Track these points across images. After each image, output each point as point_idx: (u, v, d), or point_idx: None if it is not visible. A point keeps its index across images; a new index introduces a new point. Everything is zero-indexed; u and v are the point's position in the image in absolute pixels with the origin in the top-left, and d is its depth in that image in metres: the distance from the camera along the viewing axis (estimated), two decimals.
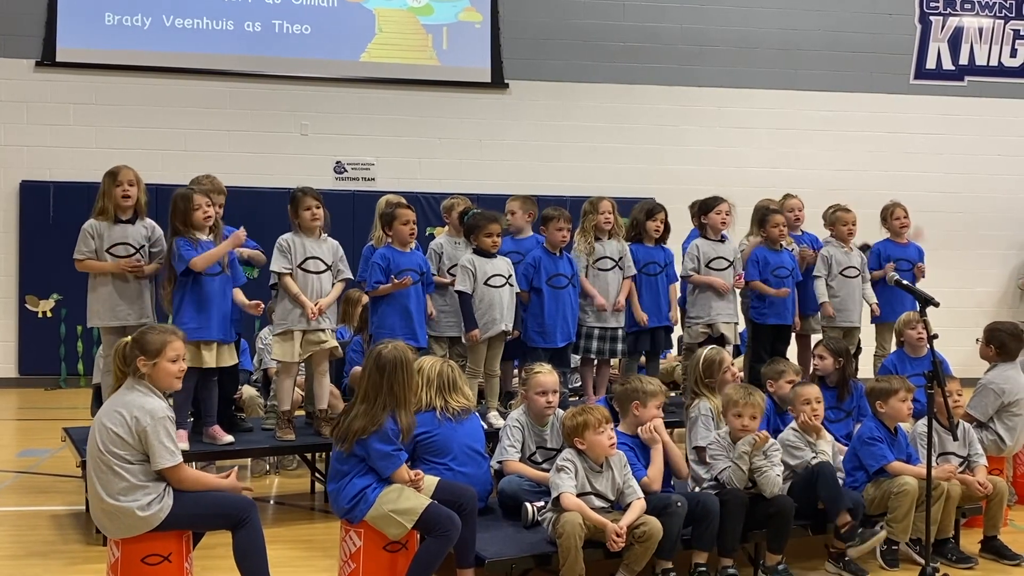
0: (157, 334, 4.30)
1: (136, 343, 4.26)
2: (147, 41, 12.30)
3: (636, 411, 5.12)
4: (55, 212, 11.90)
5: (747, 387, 5.39)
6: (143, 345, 4.24)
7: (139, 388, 4.19)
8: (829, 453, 5.28)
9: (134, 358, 4.22)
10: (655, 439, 5.05)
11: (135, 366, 4.22)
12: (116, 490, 4.08)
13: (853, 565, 5.12)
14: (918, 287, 5.48)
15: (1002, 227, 13.88)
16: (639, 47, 13.29)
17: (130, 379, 4.23)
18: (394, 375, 4.51)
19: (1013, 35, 14.14)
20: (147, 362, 4.22)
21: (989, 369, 6.46)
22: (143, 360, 4.22)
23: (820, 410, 5.41)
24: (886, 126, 13.63)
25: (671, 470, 5.12)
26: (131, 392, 4.19)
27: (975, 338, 6.64)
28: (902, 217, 8.17)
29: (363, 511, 4.40)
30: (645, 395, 5.13)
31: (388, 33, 12.92)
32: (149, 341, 4.25)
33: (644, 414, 5.10)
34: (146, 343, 4.24)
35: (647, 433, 5.07)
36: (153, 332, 4.32)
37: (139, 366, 4.21)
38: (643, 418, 5.09)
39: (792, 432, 5.38)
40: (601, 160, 12.97)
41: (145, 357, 4.22)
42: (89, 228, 5.99)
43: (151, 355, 4.23)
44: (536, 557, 4.65)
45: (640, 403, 5.11)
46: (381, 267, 6.39)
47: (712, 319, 7.24)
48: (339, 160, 12.70)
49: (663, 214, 7.41)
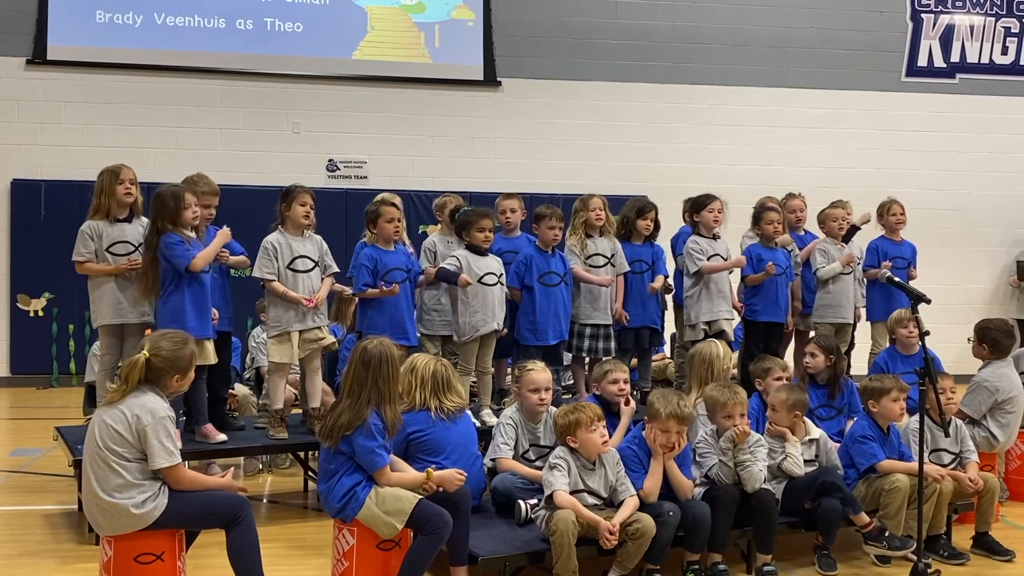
0: (182, 348, 4.23)
1: (168, 362, 4.16)
2: (138, 39, 12.27)
3: (648, 426, 5.01)
4: (46, 211, 11.86)
5: (730, 386, 5.40)
6: (175, 363, 4.18)
7: (145, 390, 4.16)
8: (797, 455, 5.29)
9: (167, 376, 4.17)
10: (657, 450, 4.91)
11: (166, 383, 4.18)
12: (112, 487, 4.07)
13: (897, 540, 5.12)
14: (911, 284, 5.50)
15: (993, 224, 13.93)
16: (631, 45, 13.30)
17: (141, 385, 4.16)
18: (379, 370, 4.51)
19: (1004, 32, 14.18)
20: (181, 379, 4.23)
21: (983, 367, 6.47)
22: (178, 378, 4.21)
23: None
24: (878, 124, 13.66)
25: (672, 487, 4.96)
26: (140, 395, 4.14)
27: (967, 335, 6.65)
28: (899, 214, 8.19)
29: (354, 510, 4.40)
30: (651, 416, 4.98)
31: (380, 31, 12.90)
32: (180, 358, 4.20)
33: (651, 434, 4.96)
34: (178, 360, 4.19)
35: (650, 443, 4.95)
36: (177, 347, 4.22)
37: (172, 384, 4.20)
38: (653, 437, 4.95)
39: (764, 435, 5.40)
40: (593, 158, 12.97)
41: (180, 375, 4.22)
42: (88, 229, 5.96)
43: (184, 371, 4.23)
44: (529, 555, 4.66)
45: (649, 420, 4.98)
46: (368, 268, 6.39)
47: (714, 316, 7.25)
48: (331, 158, 12.68)
49: (654, 212, 7.42)
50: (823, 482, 5.16)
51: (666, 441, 4.89)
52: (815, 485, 5.18)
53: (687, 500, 4.93)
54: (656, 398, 5.02)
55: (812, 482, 5.20)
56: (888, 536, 5.16)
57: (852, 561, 5.32)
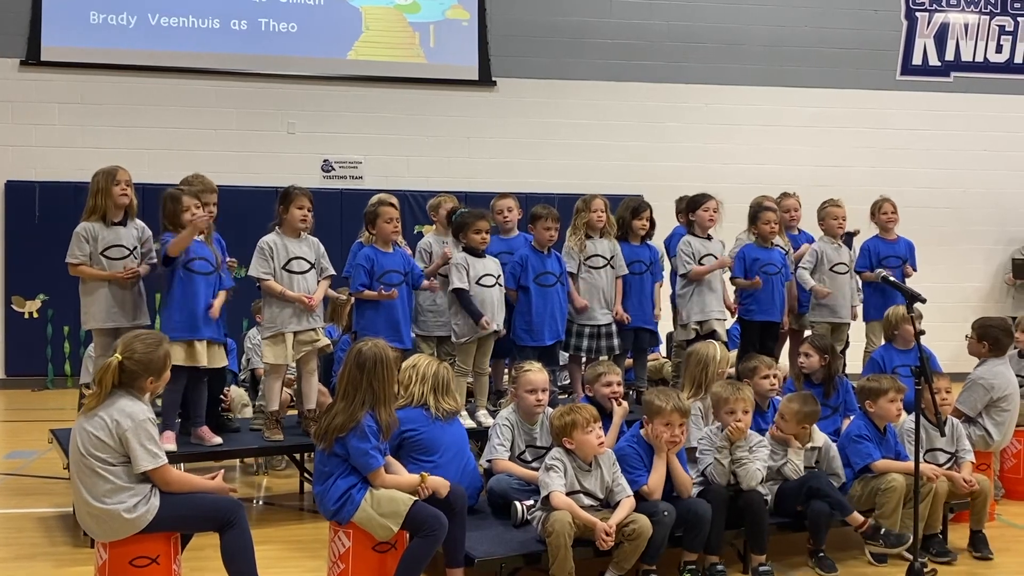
0: (155, 350, 4.19)
1: (141, 364, 4.12)
2: (132, 40, 12.25)
3: (648, 423, 5.02)
4: (41, 212, 11.85)
5: (734, 383, 5.40)
6: (148, 365, 4.14)
7: (122, 393, 4.13)
8: (798, 462, 5.30)
9: (142, 379, 4.14)
10: (661, 447, 4.92)
11: (140, 385, 4.15)
12: (101, 492, 4.05)
13: (892, 537, 5.12)
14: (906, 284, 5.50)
15: (988, 222, 13.95)
16: (626, 44, 13.31)
17: (116, 389, 4.13)
18: (374, 372, 4.50)
19: (999, 31, 14.20)
20: (156, 381, 4.20)
21: (978, 364, 6.47)
22: (152, 380, 4.18)
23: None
24: (872, 122, 13.67)
25: (673, 483, 4.97)
26: (117, 399, 4.12)
27: (962, 333, 6.64)
28: (890, 212, 8.16)
29: (350, 512, 4.39)
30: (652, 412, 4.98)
31: (375, 31, 12.89)
32: (153, 360, 4.16)
33: (653, 431, 4.96)
34: (151, 363, 4.15)
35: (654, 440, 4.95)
36: (151, 349, 4.17)
37: (147, 386, 4.17)
38: (653, 433, 4.96)
39: (768, 438, 5.40)
40: (588, 157, 12.97)
41: (154, 377, 4.19)
42: (83, 231, 5.90)
43: (159, 373, 4.20)
44: (525, 556, 4.65)
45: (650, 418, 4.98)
46: (365, 269, 6.37)
47: (705, 316, 7.25)
48: (327, 159, 12.67)
49: (649, 211, 7.41)
50: (810, 487, 5.18)
51: (671, 436, 4.89)
52: (803, 490, 5.19)
53: (687, 498, 4.93)
54: (654, 396, 5.02)
55: (801, 487, 5.21)
56: (884, 533, 5.17)
57: (848, 562, 5.32)
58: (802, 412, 5.38)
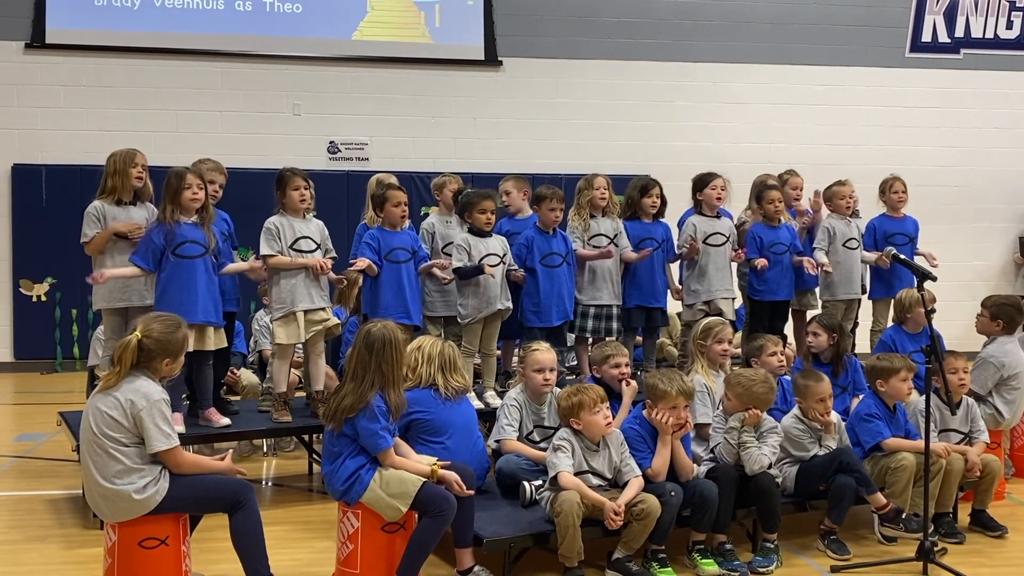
0: (175, 331, 4.21)
1: (160, 344, 4.13)
2: (137, 22, 12.20)
3: (651, 407, 4.97)
4: (47, 195, 11.84)
5: (767, 378, 5.22)
6: (166, 346, 4.15)
7: (138, 374, 4.14)
8: (834, 447, 5.26)
9: (158, 359, 4.15)
10: (666, 430, 4.87)
11: (156, 366, 4.16)
12: (112, 473, 4.06)
13: (915, 523, 5.07)
14: (916, 262, 5.46)
15: (999, 200, 13.86)
16: (633, 23, 13.20)
17: (133, 369, 4.13)
18: (383, 353, 4.49)
19: (1009, 7, 14.05)
20: (172, 363, 4.20)
21: (988, 343, 6.44)
22: (168, 362, 4.18)
23: (831, 404, 5.29)
24: (882, 100, 13.57)
25: (675, 466, 4.94)
26: (134, 379, 4.12)
27: (972, 311, 6.61)
28: (900, 191, 8.08)
29: (359, 493, 4.39)
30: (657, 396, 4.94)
31: (380, 11, 12.82)
32: (172, 341, 4.17)
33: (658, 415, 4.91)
34: (169, 343, 4.16)
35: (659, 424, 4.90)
36: (170, 331, 4.19)
37: (163, 368, 4.18)
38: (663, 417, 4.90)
39: (797, 425, 5.31)
40: (595, 137, 12.90)
41: (171, 359, 4.19)
42: (94, 211, 5.91)
43: (175, 355, 4.21)
44: (534, 536, 4.66)
45: (653, 402, 4.95)
46: (372, 247, 6.35)
47: (711, 295, 7.22)
48: (332, 140, 12.63)
49: (658, 189, 7.36)
50: (841, 461, 5.11)
51: (676, 419, 4.87)
52: (834, 464, 5.12)
53: (694, 479, 4.91)
54: (657, 379, 4.97)
55: (831, 462, 5.14)
56: (906, 519, 5.12)
57: (858, 541, 5.31)
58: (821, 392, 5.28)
